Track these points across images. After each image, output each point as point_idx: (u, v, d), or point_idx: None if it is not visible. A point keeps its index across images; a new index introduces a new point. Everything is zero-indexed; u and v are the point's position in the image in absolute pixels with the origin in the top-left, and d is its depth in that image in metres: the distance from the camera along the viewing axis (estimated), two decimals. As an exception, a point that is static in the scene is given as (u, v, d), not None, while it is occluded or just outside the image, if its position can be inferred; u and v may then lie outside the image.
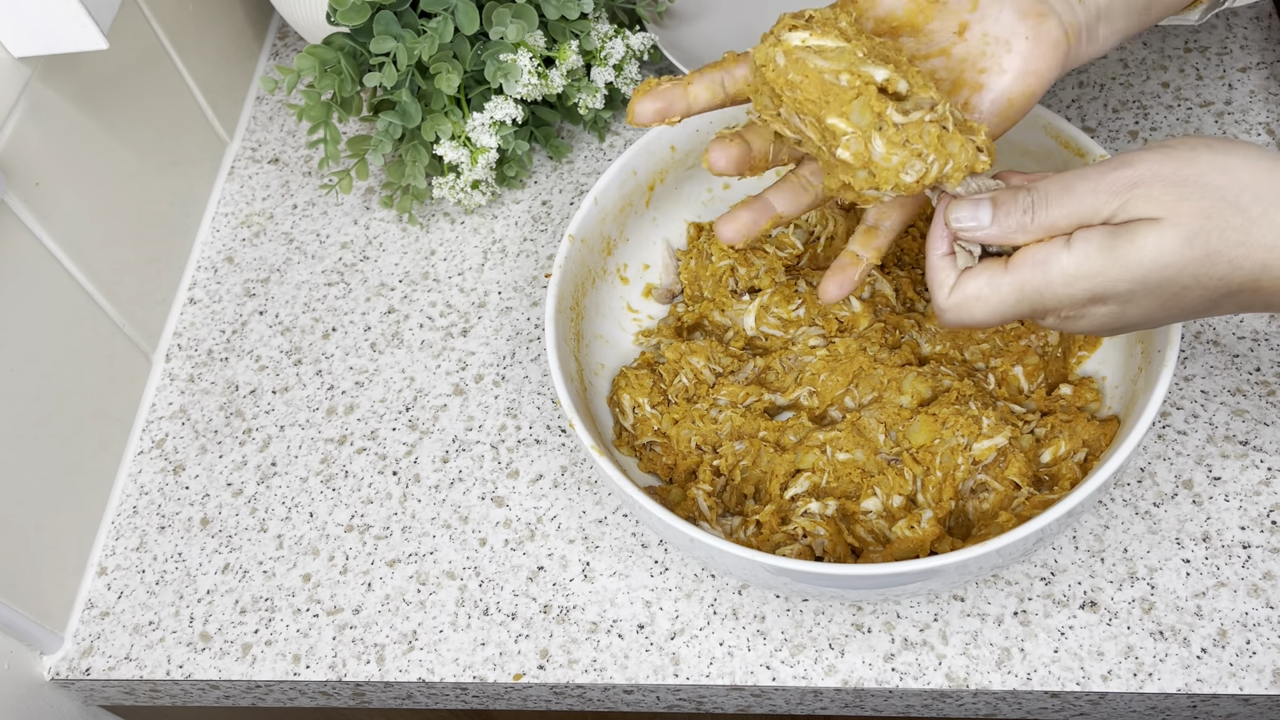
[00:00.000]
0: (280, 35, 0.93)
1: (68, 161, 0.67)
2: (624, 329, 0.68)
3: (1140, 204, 0.44)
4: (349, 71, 0.71)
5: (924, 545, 0.55)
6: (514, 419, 0.68)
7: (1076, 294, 0.45)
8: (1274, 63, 0.75)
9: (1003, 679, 0.56)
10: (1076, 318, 0.47)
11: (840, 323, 0.64)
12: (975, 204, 0.47)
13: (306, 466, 0.68)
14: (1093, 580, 0.58)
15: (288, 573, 0.65)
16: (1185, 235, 0.43)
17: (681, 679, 0.58)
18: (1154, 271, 0.44)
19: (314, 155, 0.84)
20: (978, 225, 0.47)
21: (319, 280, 0.77)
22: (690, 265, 0.68)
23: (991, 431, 0.57)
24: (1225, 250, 0.43)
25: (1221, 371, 0.63)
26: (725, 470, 0.60)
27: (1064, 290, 0.45)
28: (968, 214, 0.47)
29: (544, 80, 0.73)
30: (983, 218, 0.46)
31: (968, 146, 0.46)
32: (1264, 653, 0.54)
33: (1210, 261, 0.44)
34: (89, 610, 0.65)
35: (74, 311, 0.67)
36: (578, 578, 0.62)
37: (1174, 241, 0.43)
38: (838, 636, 0.58)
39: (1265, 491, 0.59)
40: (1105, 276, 0.44)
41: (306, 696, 0.63)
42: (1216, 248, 0.43)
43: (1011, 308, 0.47)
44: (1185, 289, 0.45)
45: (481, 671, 0.60)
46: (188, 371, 0.74)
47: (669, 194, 0.69)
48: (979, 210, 0.47)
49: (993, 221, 0.46)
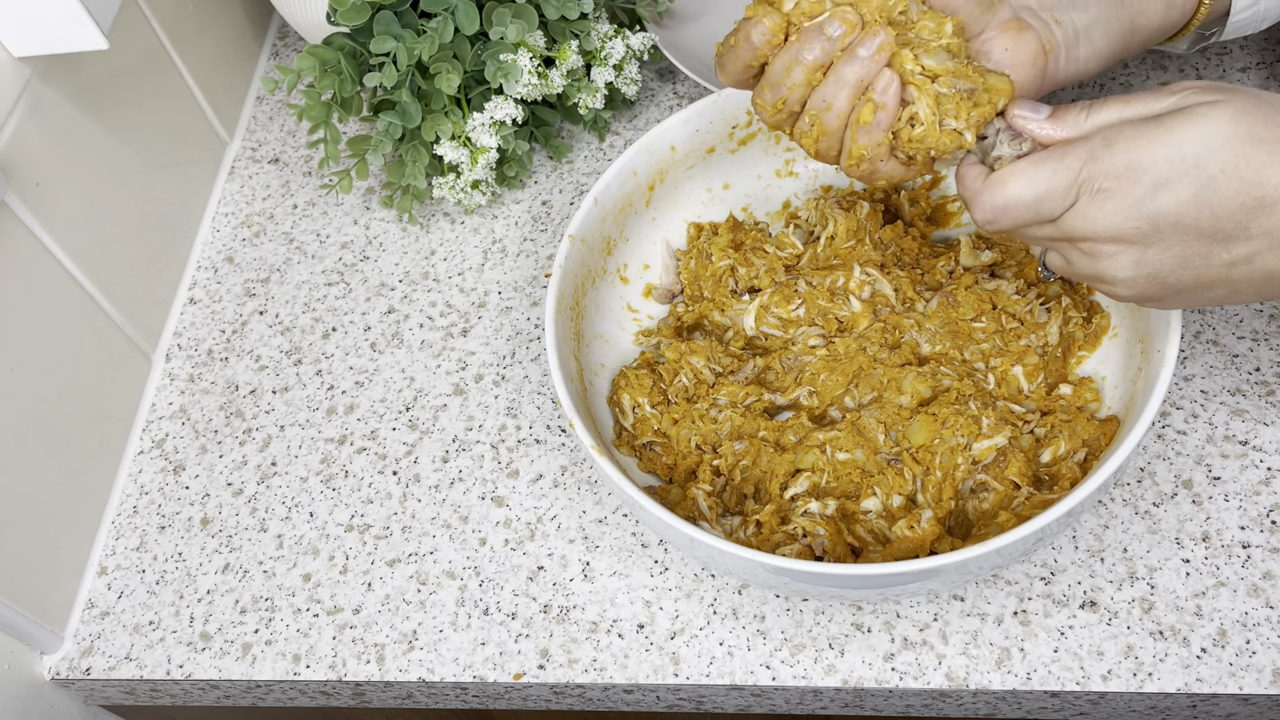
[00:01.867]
0: (280, 35, 0.93)
1: (68, 161, 0.67)
2: (624, 329, 0.68)
3: (1194, 96, 0.45)
4: (349, 71, 0.71)
5: (924, 545, 0.55)
6: (514, 419, 0.68)
7: (1117, 166, 0.45)
8: (1274, 63, 0.75)
9: (1003, 679, 0.56)
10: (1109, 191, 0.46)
11: (840, 323, 0.64)
12: (1035, 104, 0.48)
13: (306, 466, 0.68)
14: (1093, 580, 0.58)
15: (288, 573, 0.65)
16: (1233, 111, 0.44)
17: (681, 679, 0.58)
18: (1197, 141, 0.44)
19: (314, 155, 0.85)
20: (1037, 116, 0.48)
21: (319, 280, 0.77)
22: (690, 265, 0.68)
23: (991, 431, 0.57)
24: (1266, 140, 0.44)
25: (1221, 371, 0.63)
26: (725, 470, 0.60)
27: (1107, 163, 0.45)
28: (1029, 109, 0.48)
29: (544, 80, 0.73)
30: (1042, 110, 0.48)
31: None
32: (1264, 652, 0.55)
33: (1252, 143, 0.44)
34: (89, 610, 0.65)
35: (74, 311, 0.67)
36: (578, 577, 0.62)
37: (1222, 112, 0.44)
38: (838, 636, 0.58)
39: (1265, 491, 0.59)
40: (1150, 147, 0.44)
41: (306, 696, 0.63)
42: (1259, 133, 0.44)
43: (1049, 181, 0.46)
44: (1222, 172, 0.44)
45: (481, 671, 0.60)
46: (188, 371, 0.74)
47: (669, 194, 0.69)
48: (1039, 107, 0.48)
49: (1051, 114, 0.48)
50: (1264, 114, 0.44)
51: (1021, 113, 0.48)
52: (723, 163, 0.70)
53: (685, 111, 0.66)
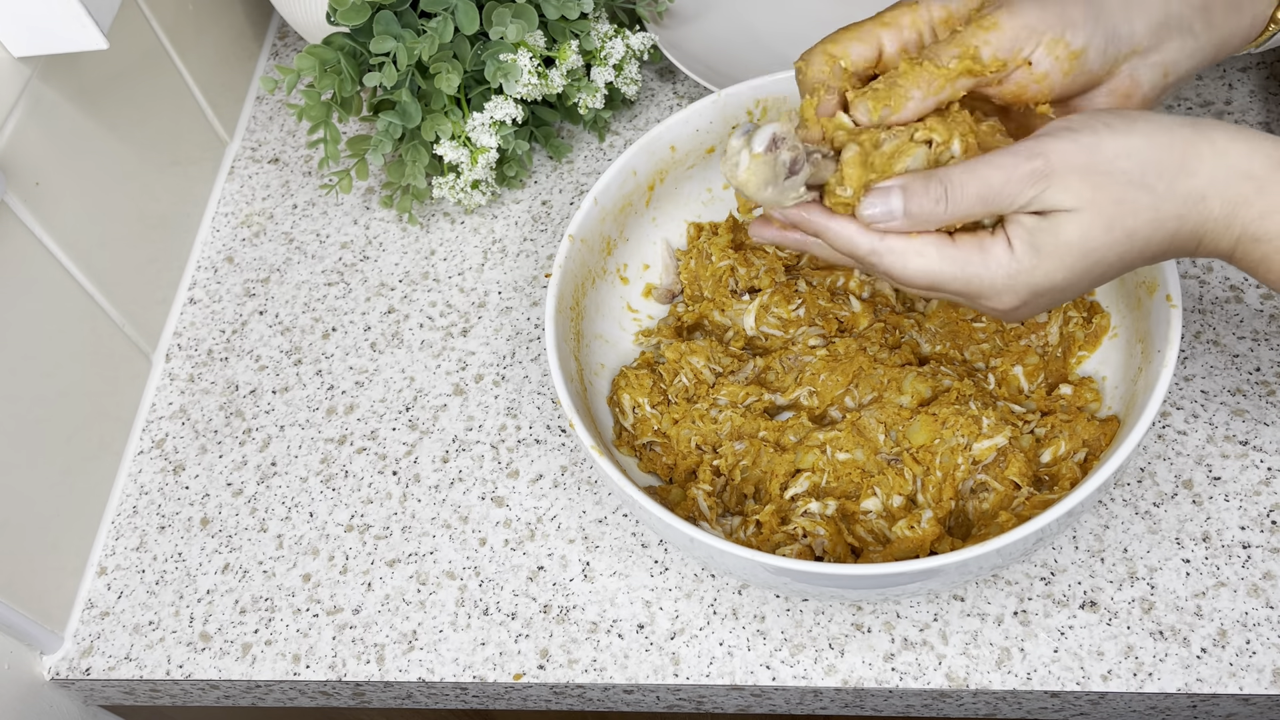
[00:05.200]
0: (280, 35, 0.93)
1: (68, 161, 0.67)
2: (624, 329, 0.68)
3: (1057, 195, 0.45)
4: (349, 71, 0.71)
5: (924, 545, 0.55)
6: (514, 419, 0.68)
7: (1017, 288, 0.47)
8: (1274, 62, 0.75)
9: (1003, 679, 0.56)
10: (1018, 307, 0.48)
11: (840, 323, 0.64)
12: (886, 193, 0.47)
13: (306, 466, 0.68)
14: (1093, 580, 0.58)
15: (288, 573, 0.65)
16: (1105, 222, 0.45)
17: (681, 679, 0.58)
18: (1083, 258, 0.46)
19: (314, 155, 0.85)
20: (889, 216, 0.47)
21: (319, 280, 0.77)
22: (690, 265, 0.68)
23: (991, 431, 0.57)
24: (1141, 228, 0.46)
25: (1221, 371, 0.63)
26: (725, 470, 0.60)
27: (1004, 284, 0.47)
28: (880, 205, 0.47)
29: (544, 80, 0.73)
30: (894, 207, 0.46)
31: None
32: (1264, 652, 0.54)
33: (1130, 239, 0.46)
34: (89, 610, 0.65)
35: (74, 311, 0.67)
36: (578, 578, 0.62)
37: (1095, 228, 0.45)
38: (838, 636, 0.58)
39: (1265, 491, 0.59)
40: (1040, 270, 0.46)
41: (306, 696, 0.63)
42: (1133, 227, 0.45)
43: (948, 279, 0.47)
44: (1112, 265, 0.47)
45: (481, 671, 0.60)
46: (188, 371, 0.74)
47: (669, 194, 0.69)
48: (890, 199, 0.47)
49: (904, 213, 0.46)
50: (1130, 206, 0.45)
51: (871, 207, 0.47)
52: (723, 163, 0.70)
53: (685, 111, 0.66)
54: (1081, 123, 0.46)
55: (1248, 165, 0.45)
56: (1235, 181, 0.45)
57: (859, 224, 0.48)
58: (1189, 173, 0.45)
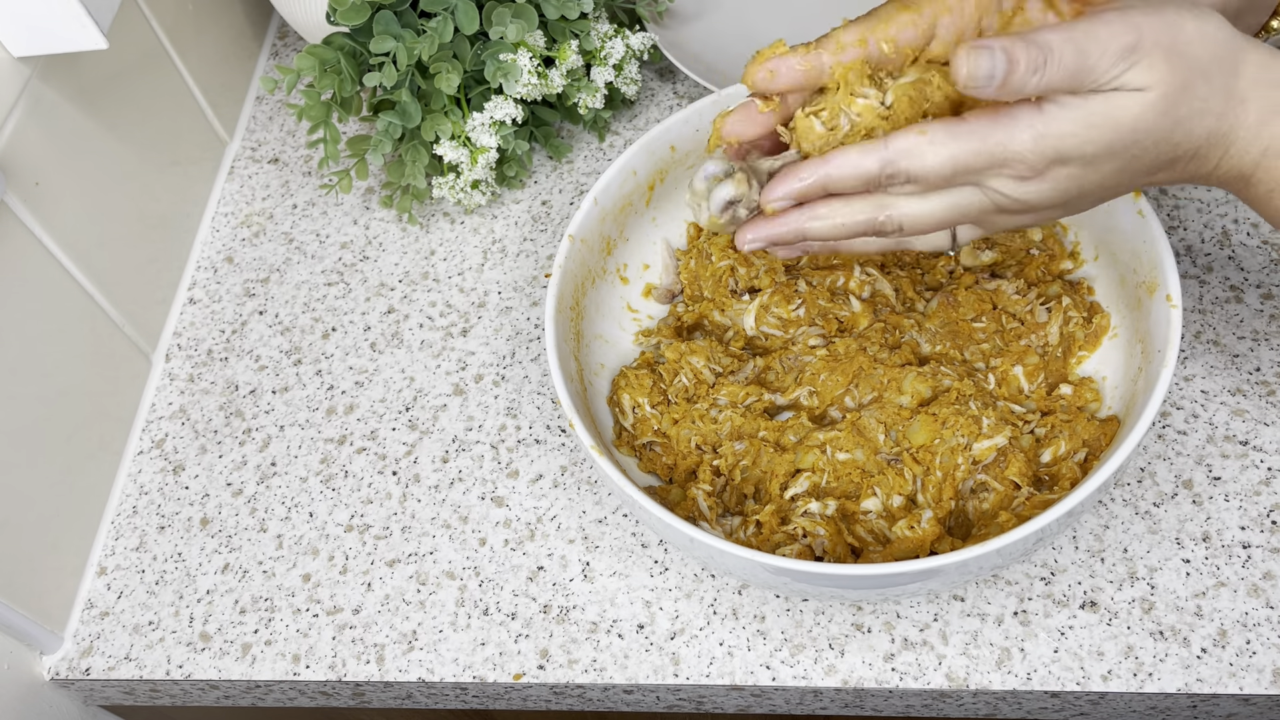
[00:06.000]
0: (280, 35, 0.93)
1: (68, 161, 0.67)
2: (624, 329, 0.68)
3: (1138, 73, 0.44)
4: (349, 71, 0.71)
5: (924, 545, 0.55)
6: (514, 419, 0.68)
7: (1044, 150, 0.45)
8: (1274, 63, 0.75)
9: (1003, 679, 0.56)
10: (1034, 178, 0.46)
11: (840, 323, 0.64)
12: (989, 52, 0.43)
13: (306, 466, 0.68)
14: (1093, 580, 0.58)
15: (287, 573, 0.65)
16: (1165, 105, 0.44)
17: (681, 679, 0.58)
18: (1127, 135, 0.45)
19: (314, 155, 0.85)
20: (990, 77, 0.43)
21: (319, 280, 0.77)
22: (690, 265, 0.68)
23: (991, 431, 0.57)
24: (1188, 119, 0.45)
25: (1221, 371, 0.63)
26: (725, 470, 0.60)
27: (1029, 145, 0.45)
28: (984, 62, 0.43)
29: (544, 80, 0.73)
30: (998, 68, 0.43)
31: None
32: (1264, 653, 0.54)
33: (1174, 127, 0.45)
34: (89, 610, 0.65)
35: (74, 311, 0.67)
36: (578, 578, 0.62)
37: (1154, 110, 0.44)
38: (838, 636, 0.58)
39: (1265, 491, 0.59)
40: (1077, 138, 0.45)
41: (306, 696, 0.63)
42: (1183, 115, 0.45)
43: (971, 155, 0.45)
44: (1146, 151, 0.46)
45: (481, 671, 0.60)
46: (187, 371, 0.74)
47: (669, 194, 0.69)
48: (995, 59, 0.43)
49: (1003, 82, 0.44)
50: (1189, 93, 0.44)
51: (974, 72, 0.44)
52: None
53: (685, 111, 0.66)
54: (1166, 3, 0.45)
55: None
56: (1274, 91, 0.45)
57: (856, 147, 0.47)
58: (1237, 73, 0.45)
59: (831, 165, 0.48)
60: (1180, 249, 0.68)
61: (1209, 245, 0.68)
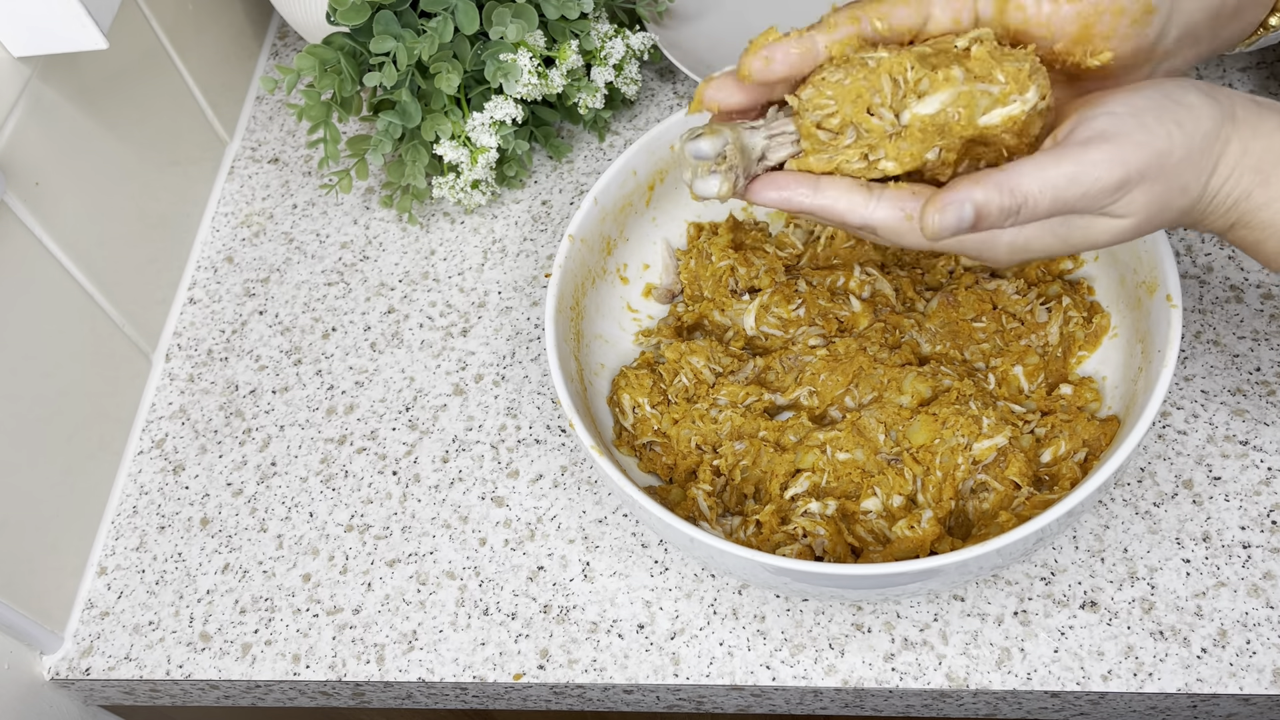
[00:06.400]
0: (280, 35, 0.93)
1: (68, 161, 0.67)
2: (624, 329, 0.68)
3: (1121, 206, 0.45)
4: (349, 71, 0.71)
5: (924, 545, 0.55)
6: (514, 419, 0.68)
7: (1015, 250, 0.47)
8: (1274, 62, 0.75)
9: (1003, 679, 0.56)
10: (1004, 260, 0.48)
11: (840, 323, 0.64)
12: (957, 206, 0.44)
13: (306, 466, 0.68)
14: (1093, 580, 0.58)
15: (288, 573, 0.65)
16: (1141, 227, 0.46)
17: (681, 679, 0.58)
18: (1099, 243, 0.47)
19: (314, 155, 0.84)
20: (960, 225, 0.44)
21: (319, 280, 0.77)
22: (690, 265, 0.68)
23: (991, 431, 0.57)
24: (1163, 223, 0.47)
25: (1221, 371, 0.63)
26: (725, 470, 0.60)
27: (1003, 253, 0.47)
28: (952, 217, 0.44)
29: (544, 80, 0.73)
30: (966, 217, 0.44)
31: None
32: (1264, 653, 0.54)
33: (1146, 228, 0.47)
34: (89, 610, 0.65)
35: (74, 311, 0.67)
36: (578, 578, 0.62)
37: (1130, 231, 0.46)
38: (838, 636, 0.58)
39: (1265, 491, 0.59)
40: (1048, 249, 0.47)
41: (306, 696, 0.63)
42: (1157, 224, 0.47)
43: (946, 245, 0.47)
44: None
45: (481, 671, 0.60)
46: (187, 371, 0.74)
47: (669, 194, 0.69)
48: (963, 211, 0.44)
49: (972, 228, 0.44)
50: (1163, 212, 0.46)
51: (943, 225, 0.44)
52: (723, 163, 0.70)
53: (685, 111, 0.66)
54: (1155, 116, 0.44)
55: (1257, 161, 0.46)
56: (1246, 176, 0.46)
57: (847, 193, 0.47)
58: (1214, 171, 0.46)
59: (820, 199, 0.48)
60: (1180, 249, 0.68)
61: (1209, 245, 0.68)
